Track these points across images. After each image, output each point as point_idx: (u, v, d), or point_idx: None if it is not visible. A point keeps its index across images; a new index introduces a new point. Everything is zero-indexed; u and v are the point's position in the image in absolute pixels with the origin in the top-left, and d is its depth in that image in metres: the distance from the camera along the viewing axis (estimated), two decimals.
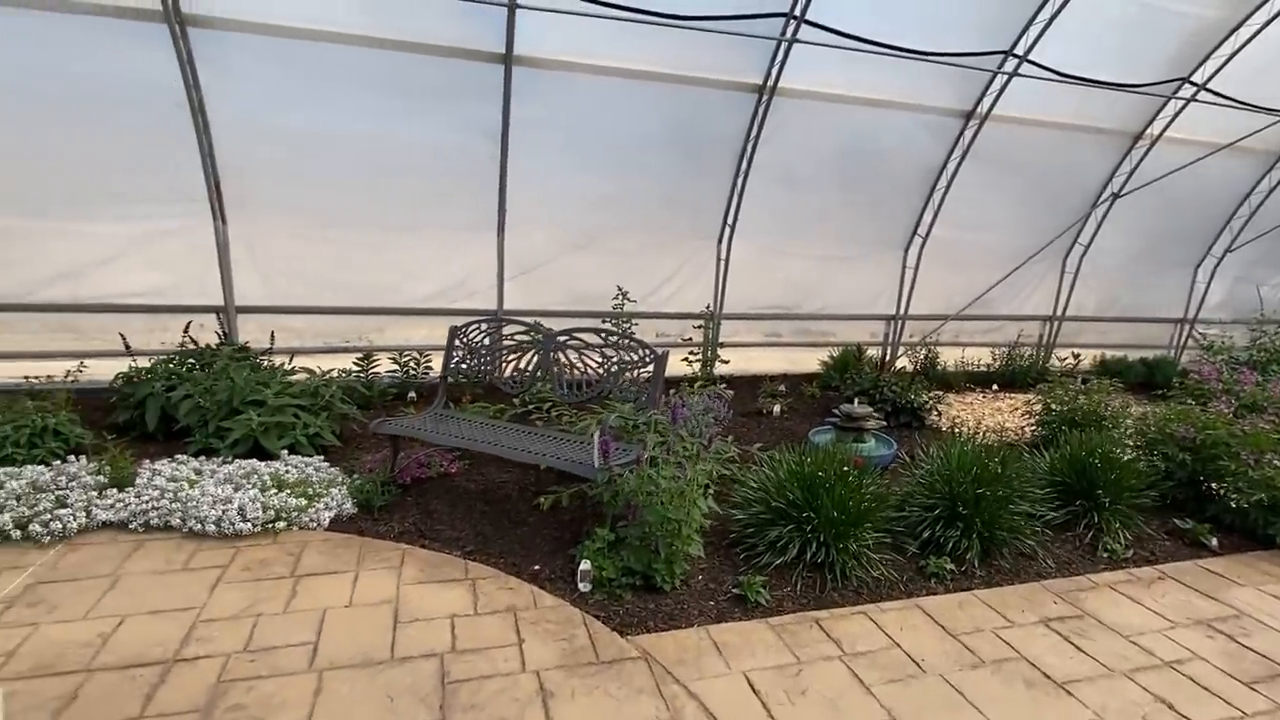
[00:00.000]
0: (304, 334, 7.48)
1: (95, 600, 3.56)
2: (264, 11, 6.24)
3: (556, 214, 7.70)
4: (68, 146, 6.49)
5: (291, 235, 7.22)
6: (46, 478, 4.49)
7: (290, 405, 5.39)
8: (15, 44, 5.99)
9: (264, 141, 6.81)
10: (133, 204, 6.81)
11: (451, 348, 5.37)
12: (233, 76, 6.50)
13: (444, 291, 7.63)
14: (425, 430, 4.81)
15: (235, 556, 4.04)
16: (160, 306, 7.05)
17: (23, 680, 2.97)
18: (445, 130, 7.05)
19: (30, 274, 6.82)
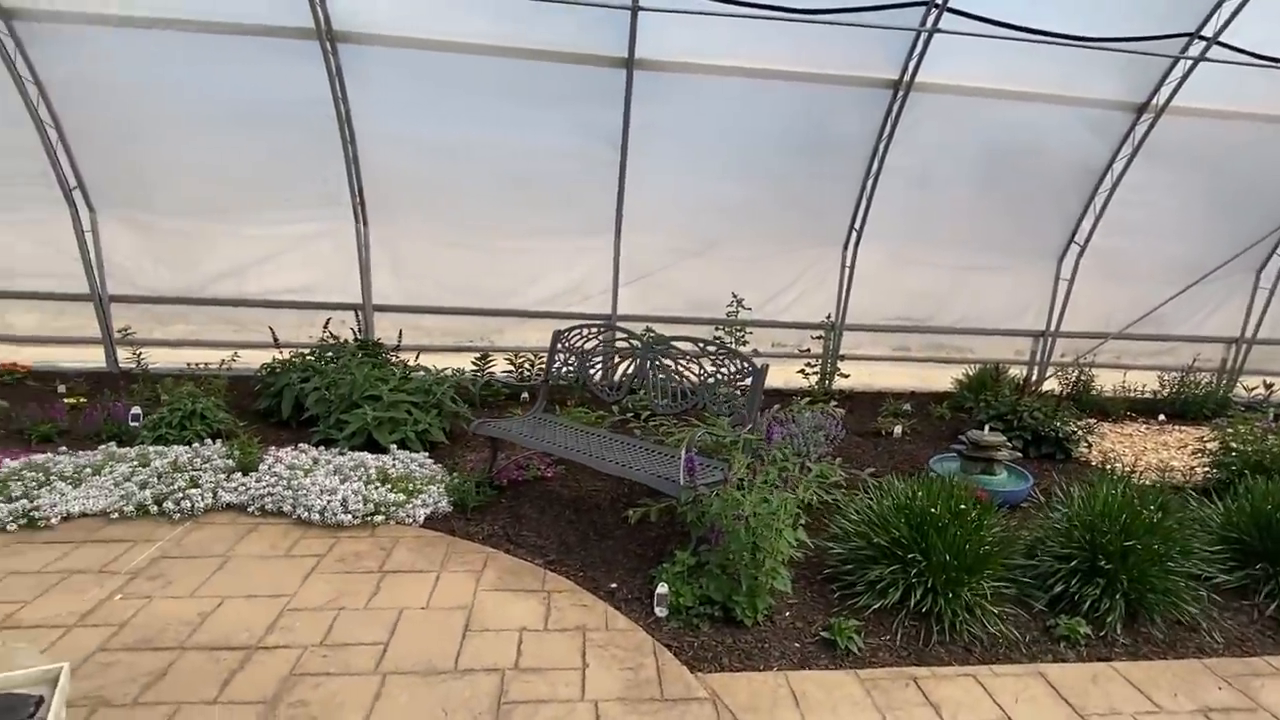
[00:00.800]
0: (432, 333, 7.75)
1: (204, 579, 3.74)
2: (403, 25, 6.49)
3: (673, 219, 7.50)
4: (240, 157, 7.08)
5: (424, 238, 7.49)
6: (185, 458, 4.84)
7: (404, 402, 5.52)
8: (197, 64, 6.58)
9: (400, 149, 7.10)
10: (290, 209, 7.32)
11: (554, 352, 5.30)
12: (375, 89, 6.81)
13: (560, 295, 7.64)
14: (521, 434, 4.75)
15: (333, 547, 4.13)
16: (308, 303, 7.53)
17: (126, 652, 3.13)
18: (566, 136, 7.03)
19: (205, 271, 7.51)
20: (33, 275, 7.34)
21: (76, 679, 2.93)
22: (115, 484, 4.49)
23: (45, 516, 4.17)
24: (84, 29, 6.37)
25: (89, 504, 4.32)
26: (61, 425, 5.66)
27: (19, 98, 6.48)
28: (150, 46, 6.45)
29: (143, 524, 4.30)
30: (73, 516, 4.28)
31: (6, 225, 7.17)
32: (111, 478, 4.55)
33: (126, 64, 6.58)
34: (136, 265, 7.43)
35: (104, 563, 3.85)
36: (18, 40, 6.42)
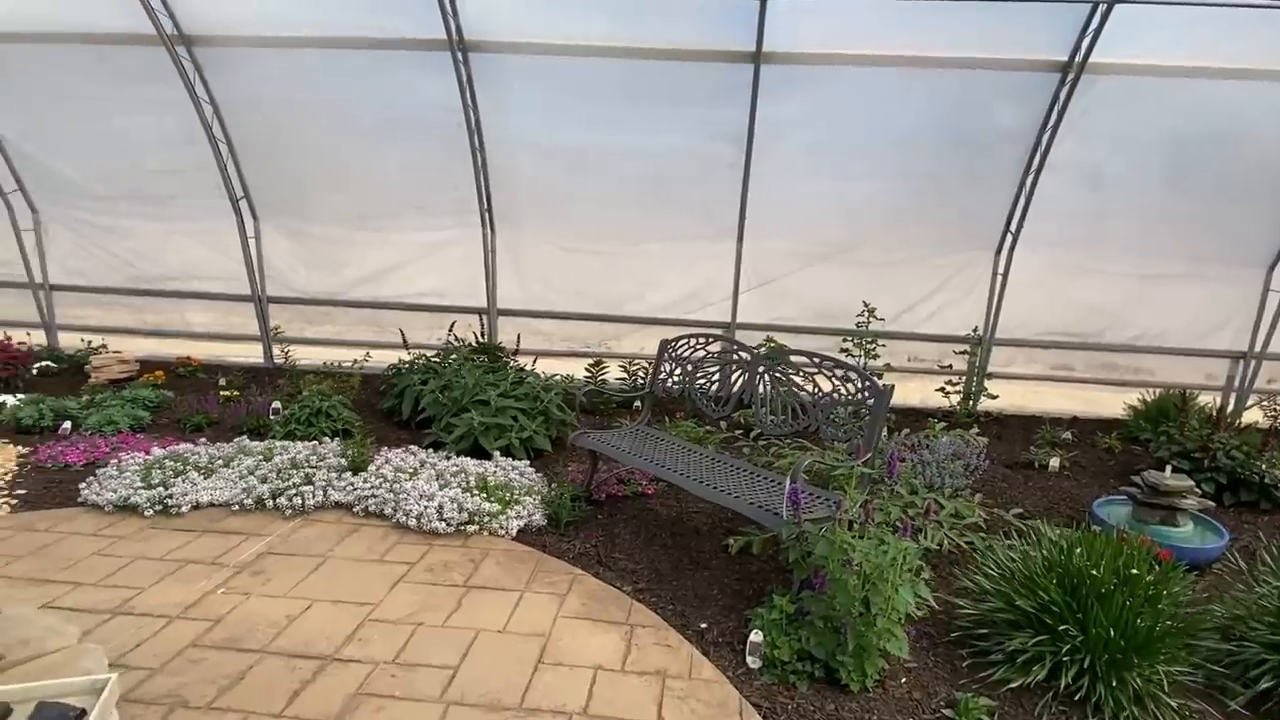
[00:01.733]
0: (552, 337, 7.67)
1: (300, 579, 3.74)
2: (526, 30, 6.39)
3: (799, 222, 6.94)
4: (380, 167, 7.32)
5: (546, 243, 7.42)
6: (303, 455, 4.97)
7: (512, 408, 5.41)
8: (342, 79, 6.84)
9: (524, 155, 7.06)
10: (426, 216, 7.49)
11: (660, 362, 4.96)
12: (501, 96, 6.79)
13: (679, 301, 7.31)
14: (617, 448, 4.45)
15: (424, 555, 4.03)
16: (439, 306, 7.68)
17: (213, 650, 3.13)
18: (687, 137, 6.68)
19: (348, 276, 7.86)
20: (207, 278, 7.99)
21: (165, 674, 2.95)
22: (240, 477, 4.66)
23: (177, 504, 4.38)
24: (249, 51, 6.80)
25: (215, 495, 4.49)
26: (212, 417, 6.04)
27: (197, 117, 7.04)
28: (302, 65, 6.78)
29: (258, 517, 4.42)
30: (201, 506, 4.47)
31: (187, 233, 7.84)
32: (237, 471, 4.73)
33: (283, 82, 6.97)
34: (291, 269, 7.90)
35: (216, 555, 3.95)
36: (197, 65, 6.97)
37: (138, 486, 4.45)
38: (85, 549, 3.94)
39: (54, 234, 8.06)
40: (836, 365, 4.06)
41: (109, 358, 7.25)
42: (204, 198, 7.54)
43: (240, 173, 7.51)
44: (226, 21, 6.66)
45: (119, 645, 3.11)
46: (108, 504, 4.38)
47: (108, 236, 7.97)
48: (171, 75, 6.68)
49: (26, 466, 5.01)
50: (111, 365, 7.18)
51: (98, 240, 8.01)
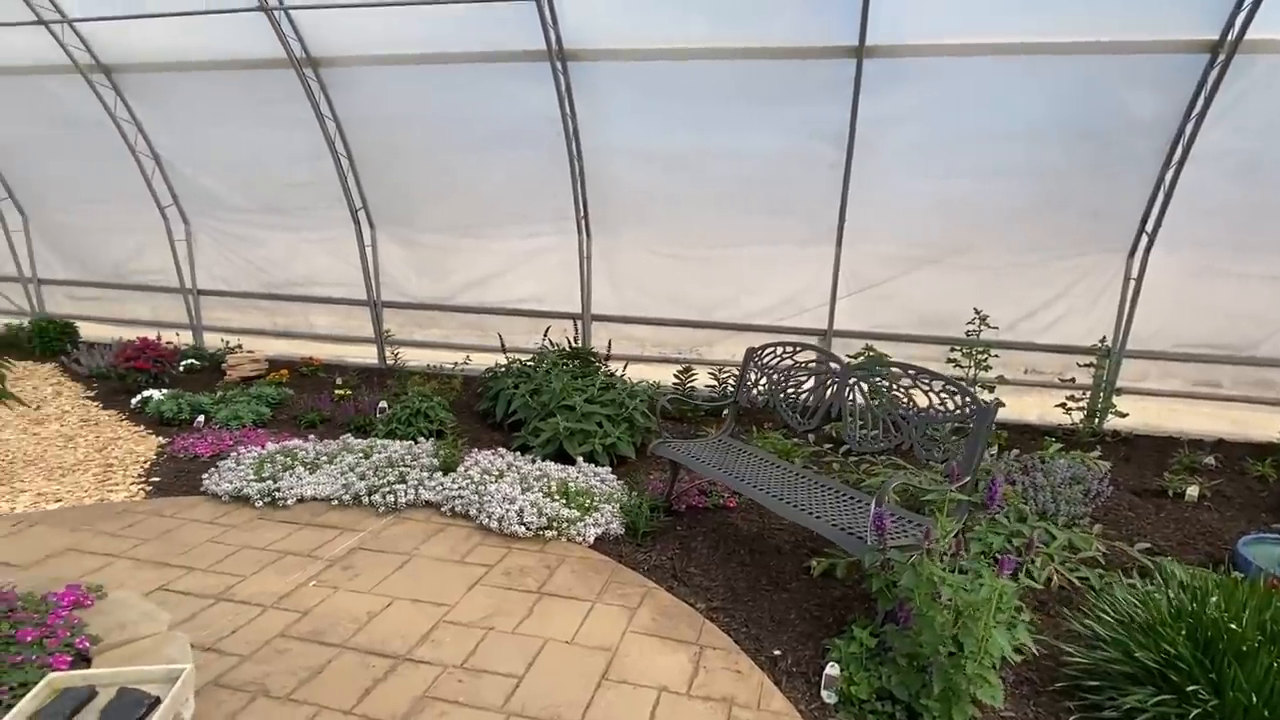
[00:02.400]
0: (645, 343, 7.60)
1: (385, 576, 3.83)
2: (624, 37, 6.35)
3: (903, 223, 6.50)
4: (484, 177, 7.51)
5: (640, 249, 7.36)
6: (399, 454, 5.13)
7: (597, 414, 5.36)
8: (447, 92, 7.06)
9: (620, 161, 7.02)
10: (526, 224, 7.62)
11: (745, 371, 4.77)
12: (599, 103, 6.79)
13: (775, 307, 7.04)
14: (696, 458, 4.30)
15: (503, 558, 4.04)
16: (537, 311, 7.79)
17: (298, 642, 3.25)
18: (785, 137, 6.40)
19: (455, 281, 8.12)
20: (329, 284, 8.49)
21: (252, 662, 3.08)
22: (341, 473, 4.86)
23: (284, 498, 4.63)
24: (367, 70, 7.15)
25: (318, 489, 4.71)
26: (325, 414, 6.38)
27: (322, 134, 7.48)
28: (413, 82, 7.06)
29: (354, 513, 4.59)
30: (305, 500, 4.70)
31: (313, 241, 8.36)
32: (339, 467, 4.94)
33: (396, 99, 7.28)
34: (403, 275, 8.26)
35: (313, 548, 4.13)
36: (323, 85, 7.40)
37: (250, 479, 4.74)
38: (201, 536, 4.22)
39: (201, 243, 8.81)
40: (934, 378, 3.73)
41: (242, 357, 7.83)
42: (328, 209, 8.00)
43: (359, 185, 7.91)
44: (347, 43, 7.02)
45: (217, 631, 3.28)
46: (224, 494, 4.68)
47: (245, 245, 8.63)
48: (301, 95, 7.14)
49: (163, 456, 5.46)
50: (244, 364, 7.75)
51: (237, 249, 8.68)
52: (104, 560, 3.88)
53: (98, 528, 4.25)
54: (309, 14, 6.87)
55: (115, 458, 5.37)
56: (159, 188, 8.44)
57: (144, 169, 8.29)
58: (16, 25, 7.38)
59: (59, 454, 5.42)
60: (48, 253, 9.48)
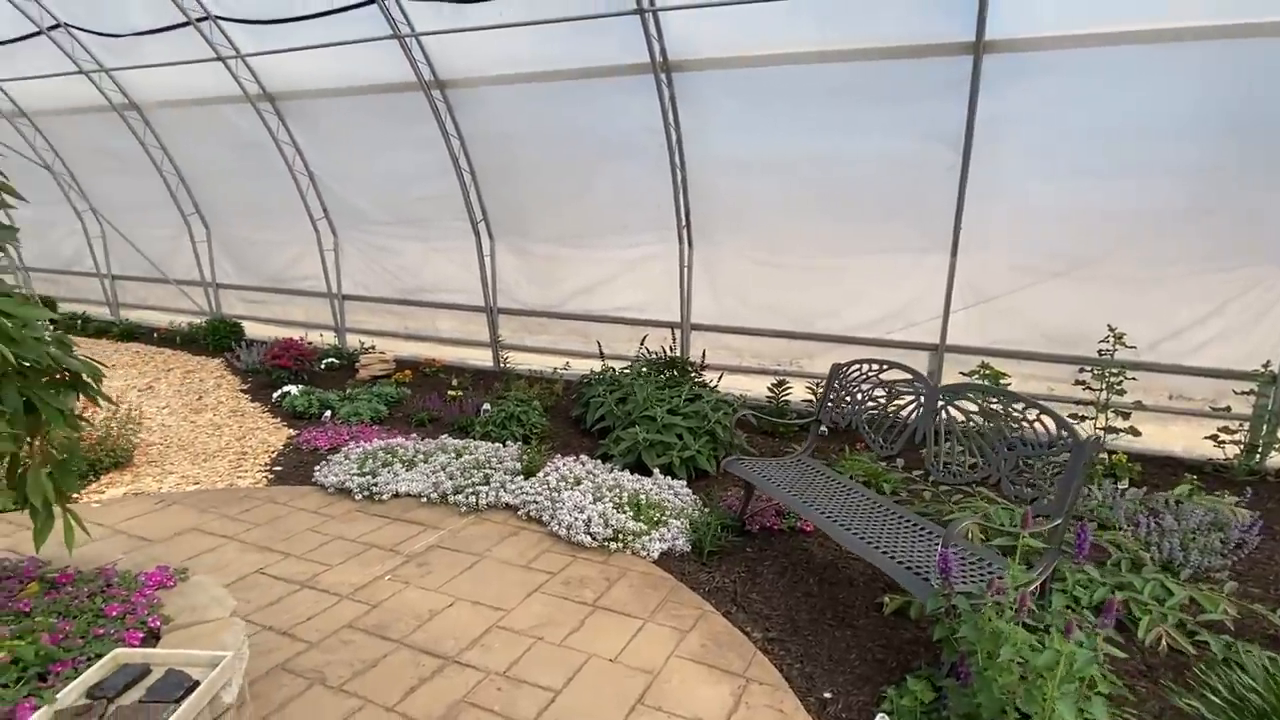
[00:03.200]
0: (742, 353, 7.39)
1: (454, 575, 3.95)
2: (730, 45, 6.22)
3: (1026, 231, 5.86)
4: (591, 188, 7.63)
5: (742, 258, 7.17)
6: (485, 456, 5.29)
7: (678, 425, 5.26)
8: (558, 108, 7.24)
9: (722, 169, 6.88)
10: (630, 233, 7.66)
11: (829, 389, 4.48)
12: (701, 111, 6.70)
13: (881, 320, 6.59)
14: (769, 478, 4.08)
15: (565, 568, 4.04)
16: (638, 320, 7.81)
17: (362, 634, 3.41)
18: (894, 140, 5.98)
19: (564, 290, 8.31)
20: (453, 291, 8.97)
21: (319, 650, 3.27)
22: (433, 471, 5.08)
23: (380, 493, 4.91)
24: (487, 89, 7.49)
25: (411, 486, 4.95)
26: (434, 414, 6.72)
27: (446, 150, 7.91)
28: (526, 99, 7.31)
29: (439, 511, 4.78)
30: (399, 495, 4.96)
31: (441, 251, 8.85)
32: (433, 466, 5.17)
33: (511, 116, 7.57)
34: (516, 283, 8.57)
35: (396, 542, 4.33)
36: (449, 104, 7.84)
37: (353, 474, 5.07)
38: (303, 524, 4.56)
39: (347, 253, 9.59)
40: (1028, 404, 3.31)
41: (372, 357, 8.44)
42: (453, 220, 8.45)
43: (480, 198, 8.30)
44: (469, 65, 7.38)
45: (294, 617, 3.52)
46: (331, 486, 5.04)
47: (384, 255, 9.30)
48: (429, 116, 7.60)
49: (289, 447, 5.98)
50: (374, 363, 8.35)
51: (376, 258, 9.38)
52: (219, 541, 4.28)
53: (221, 511, 4.71)
54: (435, 39, 7.28)
55: (250, 447, 5.95)
56: (312, 203, 9.29)
57: (300, 186, 9.15)
58: (201, 62, 8.38)
59: (206, 441, 6.08)
60: (224, 260, 10.71)
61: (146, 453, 5.72)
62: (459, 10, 6.87)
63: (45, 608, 2.54)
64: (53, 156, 10.94)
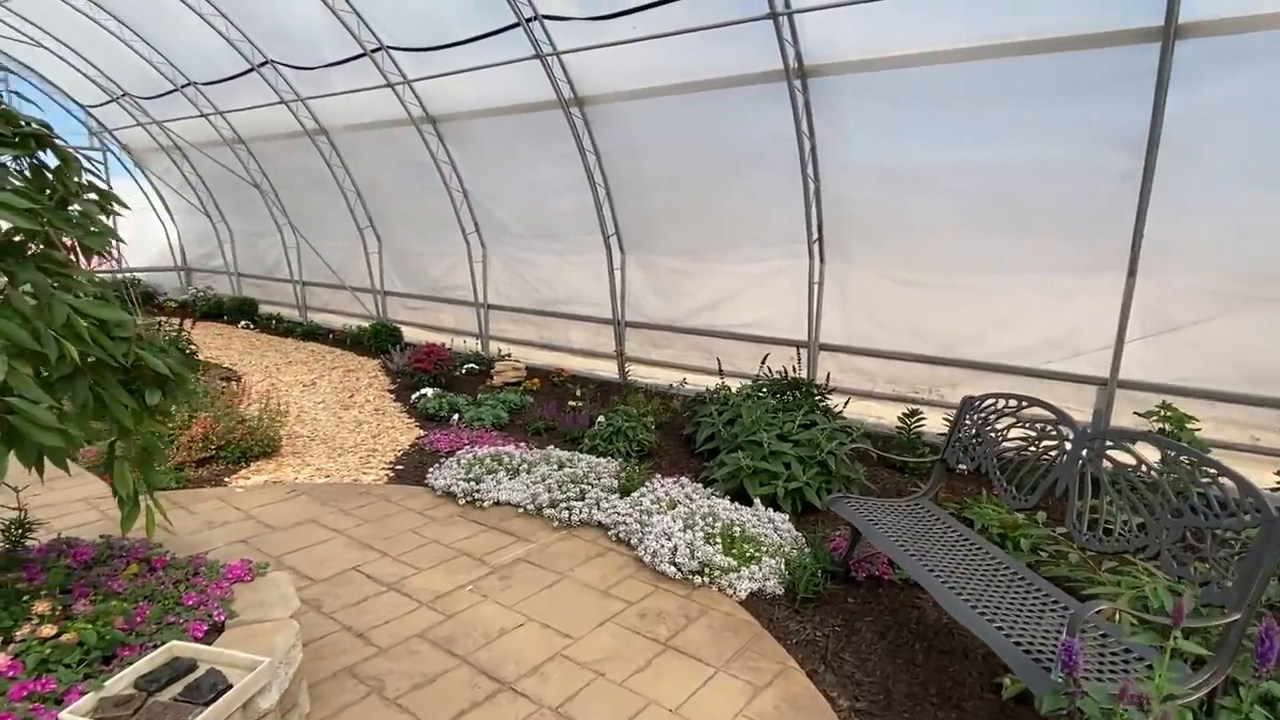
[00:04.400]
0: (875, 378, 6.74)
1: (531, 593, 3.83)
2: (870, 47, 5.74)
3: (1225, 248, 4.82)
4: (718, 201, 7.38)
5: (878, 274, 6.57)
6: (584, 471, 5.15)
7: (786, 453, 4.82)
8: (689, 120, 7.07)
9: (858, 179, 6.36)
10: (758, 247, 7.31)
11: (958, 423, 3.88)
12: (837, 118, 6.24)
13: (1037, 348, 5.72)
14: (875, 522, 3.58)
15: (644, 598, 3.78)
16: (763, 337, 7.40)
17: (430, 646, 3.36)
18: (1058, 143, 5.18)
19: (689, 304, 8.10)
20: (584, 303, 9.04)
21: (385, 657, 3.25)
22: (534, 482, 5.03)
23: (481, 500, 4.93)
24: (622, 105, 7.48)
25: (511, 495, 4.93)
26: (550, 423, 6.74)
27: (582, 165, 7.99)
28: (656, 112, 7.22)
29: (533, 523, 4.71)
30: (499, 504, 4.96)
31: (576, 264, 8.96)
32: (534, 476, 5.12)
33: (643, 130, 7.51)
34: (643, 296, 8.47)
35: (486, 552, 4.30)
36: (586, 121, 7.92)
37: (460, 479, 5.14)
38: (407, 524, 4.66)
39: (493, 265, 10.00)
40: (1203, 463, 2.61)
41: (506, 364, 8.69)
42: (587, 234, 8.53)
43: (613, 212, 8.30)
44: (604, 81, 7.41)
45: (375, 619, 3.55)
46: (439, 489, 5.14)
47: (524, 267, 9.59)
48: (567, 132, 7.72)
49: (414, 447, 6.22)
50: (507, 371, 8.59)
51: (518, 270, 9.69)
52: (329, 535, 4.48)
53: (339, 505, 4.94)
54: (574, 58, 7.38)
55: (381, 444, 6.26)
56: (464, 217, 9.78)
57: (454, 202, 9.68)
58: (375, 89, 9.11)
59: (345, 436, 6.48)
60: (392, 270, 11.57)
61: (293, 444, 6.19)
62: (595, 27, 6.91)
63: (135, 590, 2.70)
64: (260, 176, 12.41)
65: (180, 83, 11.29)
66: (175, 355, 2.61)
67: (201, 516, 4.67)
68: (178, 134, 12.82)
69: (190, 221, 15.16)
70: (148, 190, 15.12)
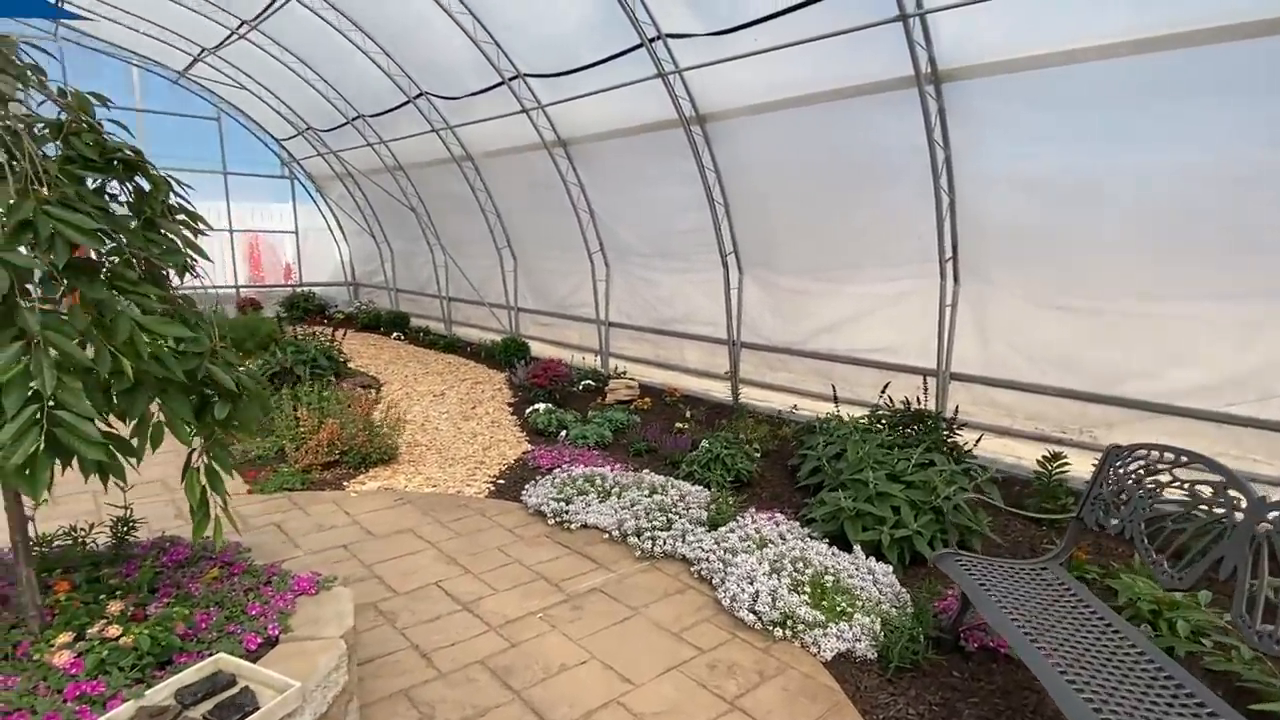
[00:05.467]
0: (1013, 413, 5.93)
1: (600, 628, 3.63)
2: (1017, 46, 5.11)
3: None
4: (841, 218, 6.91)
5: (1021, 299, 5.79)
6: (673, 499, 4.89)
7: (895, 496, 4.29)
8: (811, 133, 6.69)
9: (998, 192, 5.67)
10: (884, 266, 6.76)
11: (1101, 475, 3.23)
12: (974, 126, 5.63)
13: (1218, 387, 4.73)
14: (985, 586, 3.03)
15: (717, 647, 3.46)
16: (887, 364, 6.80)
17: (488, 675, 3.25)
18: (1247, 147, 4.28)
19: (808, 325, 7.63)
20: (700, 322, 8.80)
21: (443, 683, 3.17)
22: (622, 508, 4.85)
23: (569, 521, 4.82)
24: (743, 120, 7.21)
25: (599, 519, 4.78)
26: (653, 445, 6.54)
27: (701, 183, 7.80)
28: (778, 127, 6.89)
29: (617, 550, 4.52)
30: (587, 526, 4.83)
31: (694, 283, 8.75)
32: (624, 501, 4.94)
33: (764, 145, 7.19)
34: (760, 317, 8.08)
35: (564, 577, 4.16)
36: (707, 139, 7.73)
37: (550, 498, 5.06)
38: (495, 541, 4.64)
39: (615, 283, 10.04)
40: None
41: (619, 383, 8.62)
42: (706, 253, 8.31)
43: (732, 230, 8.02)
44: (726, 98, 7.20)
45: (443, 639, 3.50)
46: (531, 507, 5.10)
47: (644, 286, 9.53)
48: (688, 151, 7.58)
49: (519, 462, 6.26)
50: (620, 389, 8.52)
51: (638, 288, 9.64)
52: (422, 546, 4.54)
53: (438, 516, 5.03)
54: (695, 74, 7.24)
55: (489, 457, 6.36)
56: (590, 237, 9.90)
57: (580, 221, 9.83)
58: (512, 115, 9.46)
59: (459, 447, 6.66)
60: (525, 287, 11.98)
61: (411, 452, 6.45)
62: (716, 43, 6.72)
63: (209, 595, 2.80)
64: (416, 199, 13.33)
65: (351, 115, 12.41)
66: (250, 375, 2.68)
67: (315, 519, 4.93)
68: (349, 162, 14.12)
69: (359, 241, 16.63)
70: (326, 213, 16.79)
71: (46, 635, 2.37)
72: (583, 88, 8.31)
